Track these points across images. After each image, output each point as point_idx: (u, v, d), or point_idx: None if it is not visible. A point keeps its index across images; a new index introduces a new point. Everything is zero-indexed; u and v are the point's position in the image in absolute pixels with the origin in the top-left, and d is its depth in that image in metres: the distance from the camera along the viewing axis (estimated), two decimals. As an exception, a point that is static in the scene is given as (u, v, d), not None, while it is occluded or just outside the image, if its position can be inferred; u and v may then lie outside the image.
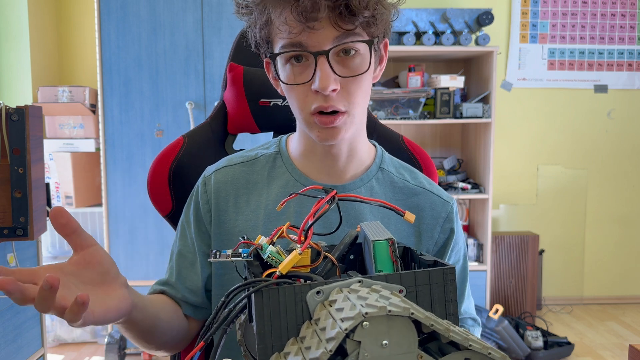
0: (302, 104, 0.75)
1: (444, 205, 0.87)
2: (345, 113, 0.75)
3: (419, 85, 2.88)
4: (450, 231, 0.86)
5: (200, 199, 0.87)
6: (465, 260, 0.89)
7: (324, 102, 0.73)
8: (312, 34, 0.71)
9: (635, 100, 3.36)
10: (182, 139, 1.03)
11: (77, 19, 3.07)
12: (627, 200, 3.41)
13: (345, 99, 0.74)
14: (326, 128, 0.75)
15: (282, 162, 0.87)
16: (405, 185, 0.87)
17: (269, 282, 0.52)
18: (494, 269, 3.05)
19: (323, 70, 0.71)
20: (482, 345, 0.47)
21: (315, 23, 0.69)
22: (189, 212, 0.88)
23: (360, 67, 0.74)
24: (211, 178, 0.87)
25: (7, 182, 1.40)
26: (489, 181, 2.89)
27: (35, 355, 1.71)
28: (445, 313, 0.55)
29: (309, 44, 0.71)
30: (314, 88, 0.72)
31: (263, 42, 0.78)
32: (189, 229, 0.88)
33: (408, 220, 0.62)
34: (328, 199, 0.59)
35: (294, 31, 0.71)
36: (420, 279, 0.55)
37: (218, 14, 2.57)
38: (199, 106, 2.59)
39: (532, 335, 2.63)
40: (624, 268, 3.44)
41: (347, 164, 0.84)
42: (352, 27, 0.71)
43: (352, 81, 0.74)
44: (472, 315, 0.88)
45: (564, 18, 3.26)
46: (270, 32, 0.75)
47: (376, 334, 0.44)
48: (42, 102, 2.69)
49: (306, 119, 0.76)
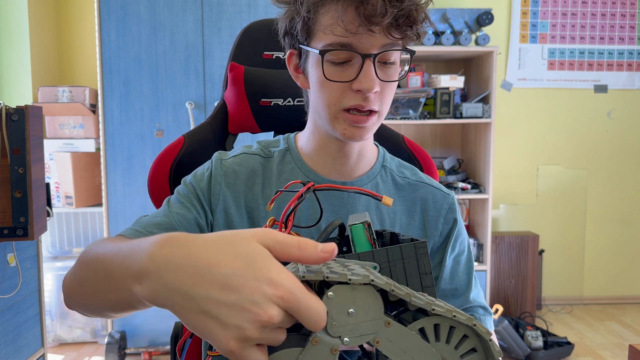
0: (336, 99, 0.77)
1: (445, 198, 0.90)
2: (377, 113, 0.78)
3: (419, 85, 2.88)
4: (453, 221, 0.89)
5: (214, 171, 0.84)
6: (470, 251, 0.91)
7: (362, 101, 0.76)
8: (365, 37, 0.73)
9: (635, 100, 3.36)
10: (182, 139, 1.03)
11: (77, 19, 3.06)
12: (627, 200, 3.41)
13: (380, 100, 0.78)
14: (355, 126, 0.77)
15: (291, 158, 0.88)
16: (406, 182, 0.90)
17: None
18: (494, 269, 3.05)
19: (370, 73, 0.74)
20: (446, 309, 0.49)
21: (377, 27, 0.71)
22: (199, 174, 0.85)
23: (396, 74, 0.79)
24: (229, 161, 0.86)
25: (7, 182, 1.40)
26: (489, 181, 2.89)
27: (35, 355, 1.71)
28: (422, 285, 0.58)
29: (359, 47, 0.74)
30: (357, 87, 0.74)
31: (302, 33, 0.78)
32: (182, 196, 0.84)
33: (386, 204, 0.65)
34: (304, 190, 0.62)
35: (351, 30, 0.72)
36: (392, 254, 0.57)
37: (218, 14, 2.57)
38: (199, 106, 2.58)
39: (532, 335, 2.63)
40: (624, 268, 3.44)
41: (357, 163, 0.87)
42: (401, 37, 0.74)
43: (387, 86, 0.78)
44: (482, 304, 0.89)
45: (564, 18, 3.26)
46: (316, 26, 0.76)
47: (342, 303, 0.46)
48: (42, 102, 2.69)
49: (335, 114, 0.78)
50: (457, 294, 0.87)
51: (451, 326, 0.49)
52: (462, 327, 0.49)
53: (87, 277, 0.59)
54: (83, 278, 0.61)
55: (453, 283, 0.87)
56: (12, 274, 1.61)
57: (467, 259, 0.90)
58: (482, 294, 0.92)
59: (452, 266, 0.88)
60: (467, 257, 0.90)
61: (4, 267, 1.56)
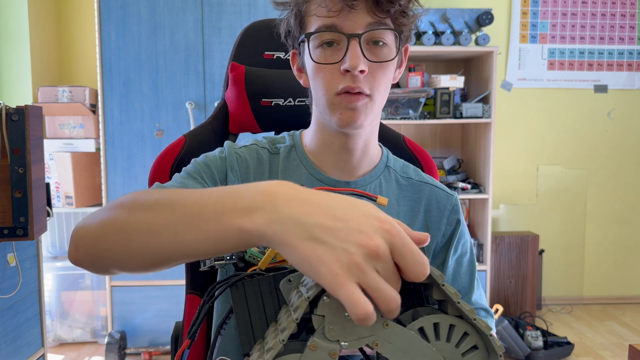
0: (328, 84, 0.78)
1: (449, 198, 0.90)
2: (368, 96, 0.78)
3: (419, 85, 2.88)
4: (456, 222, 0.89)
5: (228, 156, 0.84)
6: (472, 252, 0.91)
7: (351, 82, 0.76)
8: (347, 18, 0.74)
9: (635, 100, 3.36)
10: (183, 139, 1.03)
11: (77, 19, 3.06)
12: (627, 200, 3.41)
13: (371, 83, 0.77)
14: (348, 109, 0.77)
15: (296, 155, 0.89)
16: (409, 182, 0.90)
17: (242, 276, 0.54)
18: (494, 269, 3.05)
19: (354, 51, 0.74)
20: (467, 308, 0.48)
21: (355, 3, 0.73)
22: (211, 156, 0.85)
23: (388, 56, 0.78)
24: (240, 150, 0.87)
25: (7, 182, 1.40)
26: (489, 181, 2.89)
27: (35, 355, 1.71)
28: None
29: (344, 27, 0.75)
30: (344, 67, 0.75)
31: (296, 26, 0.80)
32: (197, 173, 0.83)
33: (381, 204, 0.64)
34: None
35: (333, 9, 0.74)
36: None
37: (218, 14, 2.57)
38: (199, 106, 2.58)
39: (532, 335, 2.63)
40: (624, 268, 3.44)
41: (361, 161, 0.86)
42: (385, 16, 0.75)
43: (378, 68, 0.77)
44: (484, 306, 0.89)
45: (564, 18, 3.26)
46: (306, 13, 0.78)
47: (338, 307, 0.45)
48: (42, 102, 2.69)
49: (330, 99, 0.78)
50: None
51: (451, 324, 0.49)
52: (462, 325, 0.49)
53: (146, 219, 0.54)
54: (132, 220, 0.55)
55: (455, 284, 0.87)
56: (12, 274, 1.61)
57: (469, 260, 0.90)
58: (484, 295, 0.91)
59: (455, 267, 0.88)
60: (470, 259, 0.90)
61: (4, 267, 1.56)
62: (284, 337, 0.45)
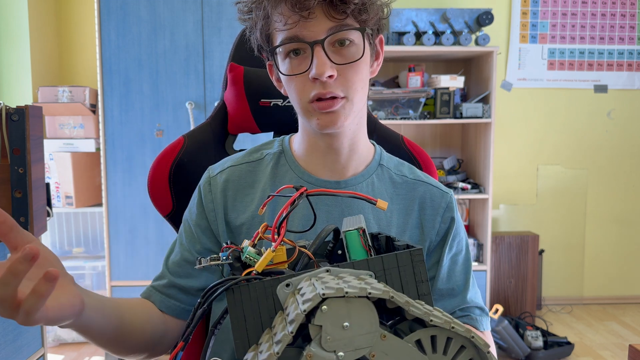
0: (300, 93, 0.78)
1: (443, 196, 0.89)
2: (344, 98, 0.77)
3: (419, 85, 2.88)
4: (450, 220, 0.88)
5: (204, 198, 0.87)
6: (468, 251, 0.90)
7: (322, 88, 0.76)
8: (307, 25, 0.74)
9: (635, 100, 3.36)
10: (182, 139, 1.03)
11: (77, 19, 3.07)
12: (627, 200, 3.41)
13: (343, 84, 0.77)
14: (325, 113, 0.77)
15: (285, 160, 0.89)
16: (404, 181, 0.89)
17: (239, 279, 0.53)
18: (494, 269, 3.05)
19: (319, 58, 0.74)
20: (444, 320, 0.48)
21: (309, 12, 0.72)
22: (193, 209, 0.89)
23: (355, 55, 0.77)
24: (217, 178, 0.88)
25: (7, 182, 1.40)
26: (489, 181, 2.89)
27: (35, 355, 1.71)
28: (418, 294, 0.56)
29: (305, 36, 0.75)
30: (312, 75, 0.75)
31: (264, 41, 0.80)
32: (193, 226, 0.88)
33: (381, 207, 0.63)
34: (297, 196, 0.61)
35: (290, 22, 0.74)
36: (388, 262, 0.55)
37: (218, 14, 2.57)
38: (199, 106, 2.59)
39: (532, 335, 2.63)
40: (624, 268, 3.44)
41: (349, 160, 0.86)
42: (343, 17, 0.74)
43: (348, 68, 0.77)
44: (479, 304, 0.89)
45: (564, 18, 3.26)
46: (269, 29, 0.78)
47: (336, 317, 0.45)
48: (42, 102, 2.69)
49: (305, 107, 0.79)
50: (454, 294, 0.86)
51: (448, 337, 0.48)
52: (460, 338, 0.48)
53: None
54: None
55: (450, 283, 0.86)
56: (12, 274, 1.60)
57: (464, 258, 0.89)
58: (480, 294, 0.91)
59: (450, 266, 0.87)
60: (465, 257, 0.89)
61: (4, 267, 1.56)
62: (278, 350, 0.44)
